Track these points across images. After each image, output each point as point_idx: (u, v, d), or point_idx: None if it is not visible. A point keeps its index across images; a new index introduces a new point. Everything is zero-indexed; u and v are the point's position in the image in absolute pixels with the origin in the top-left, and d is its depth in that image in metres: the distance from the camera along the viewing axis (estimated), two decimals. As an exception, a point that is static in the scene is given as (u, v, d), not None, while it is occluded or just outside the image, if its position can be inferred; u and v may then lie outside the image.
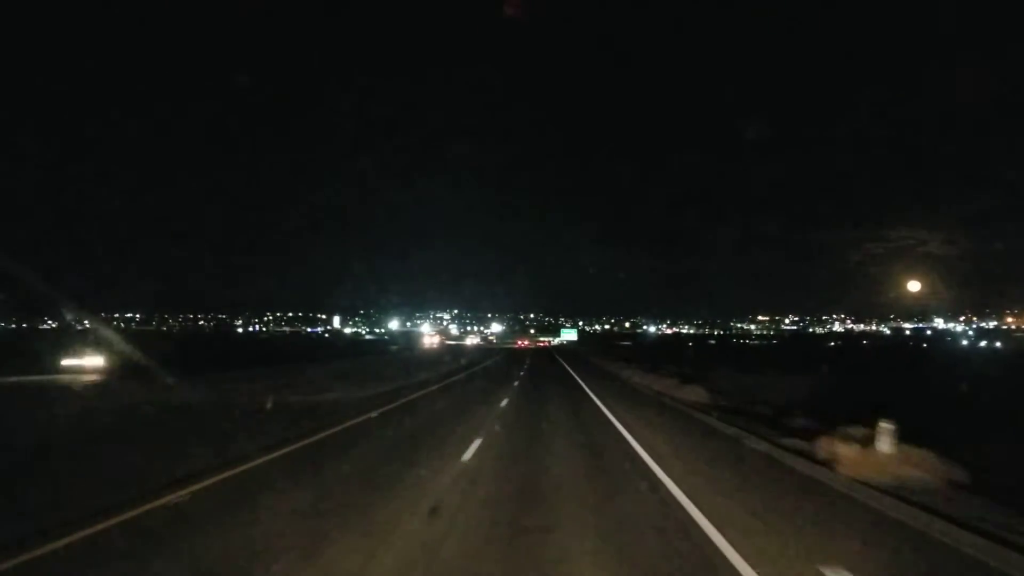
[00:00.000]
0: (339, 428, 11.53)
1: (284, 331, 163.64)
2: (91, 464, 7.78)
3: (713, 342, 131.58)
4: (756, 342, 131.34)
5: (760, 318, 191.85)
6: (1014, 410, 14.61)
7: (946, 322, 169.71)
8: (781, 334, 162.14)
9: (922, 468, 7.28)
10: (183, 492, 6.42)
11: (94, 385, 19.68)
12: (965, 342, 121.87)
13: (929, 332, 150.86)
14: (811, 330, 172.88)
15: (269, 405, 13.95)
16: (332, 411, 13.71)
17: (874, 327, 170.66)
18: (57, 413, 12.75)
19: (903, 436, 7.75)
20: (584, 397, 18.91)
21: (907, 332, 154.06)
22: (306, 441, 9.94)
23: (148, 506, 5.87)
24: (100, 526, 5.22)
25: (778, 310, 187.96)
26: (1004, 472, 7.74)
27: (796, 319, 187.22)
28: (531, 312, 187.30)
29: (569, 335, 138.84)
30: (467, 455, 8.72)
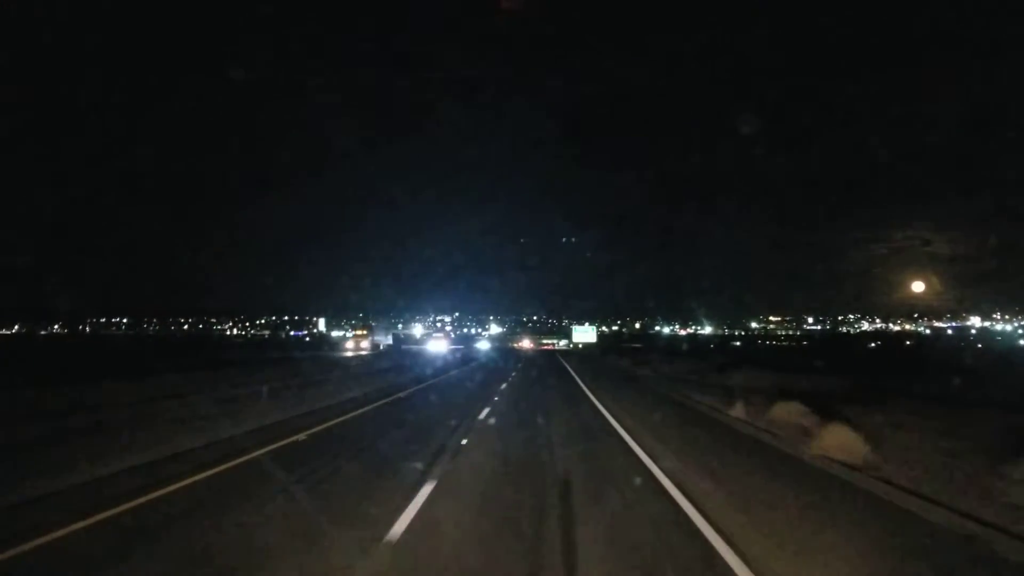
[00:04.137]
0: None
1: (263, 334, 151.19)
2: None
3: (738, 343, 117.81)
4: (785, 343, 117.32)
5: (772, 318, 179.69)
6: None
7: (983, 320, 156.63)
8: (809, 335, 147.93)
9: None
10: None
11: None
12: None
13: (973, 331, 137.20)
14: (842, 330, 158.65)
15: None
16: None
17: (906, 327, 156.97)
18: None
19: None
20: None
21: (948, 332, 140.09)
22: None
23: None
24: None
25: (785, 310, 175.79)
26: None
27: (815, 319, 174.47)
28: (534, 314, 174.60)
29: (584, 334, 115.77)
30: None
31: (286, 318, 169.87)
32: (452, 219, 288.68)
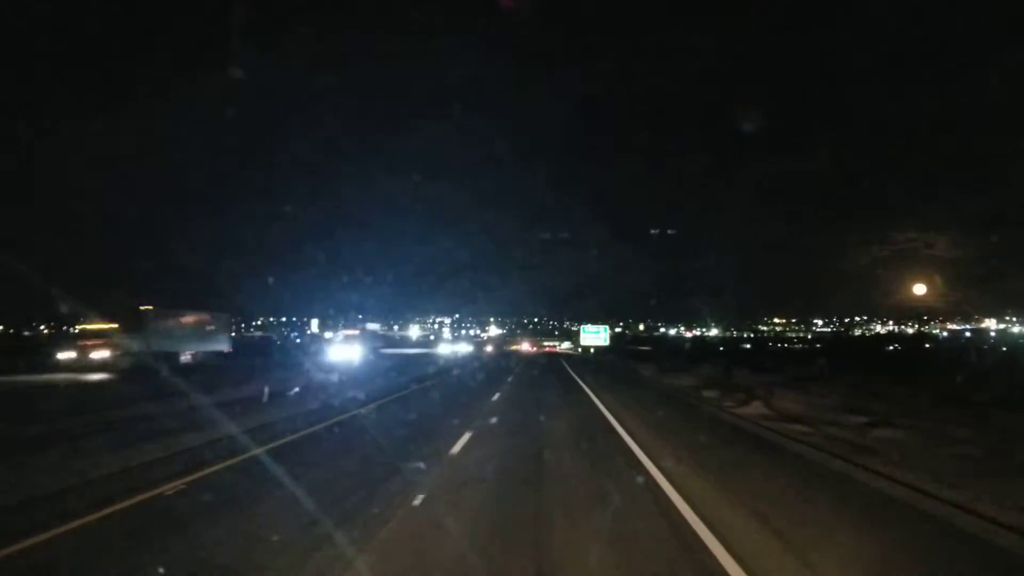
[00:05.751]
0: None
1: (254, 336, 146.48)
2: None
3: (749, 346, 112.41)
4: (798, 346, 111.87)
5: (777, 319, 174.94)
6: None
7: (998, 322, 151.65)
8: (822, 337, 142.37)
9: None
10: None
11: None
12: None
13: (993, 333, 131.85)
14: (856, 332, 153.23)
15: None
16: None
17: (921, 329, 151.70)
18: None
19: None
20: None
21: (967, 334, 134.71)
22: None
23: None
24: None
25: (788, 311, 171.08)
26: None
27: (824, 321, 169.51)
28: (535, 315, 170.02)
29: (593, 337, 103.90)
30: None
31: (283, 319, 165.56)
32: (452, 219, 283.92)
